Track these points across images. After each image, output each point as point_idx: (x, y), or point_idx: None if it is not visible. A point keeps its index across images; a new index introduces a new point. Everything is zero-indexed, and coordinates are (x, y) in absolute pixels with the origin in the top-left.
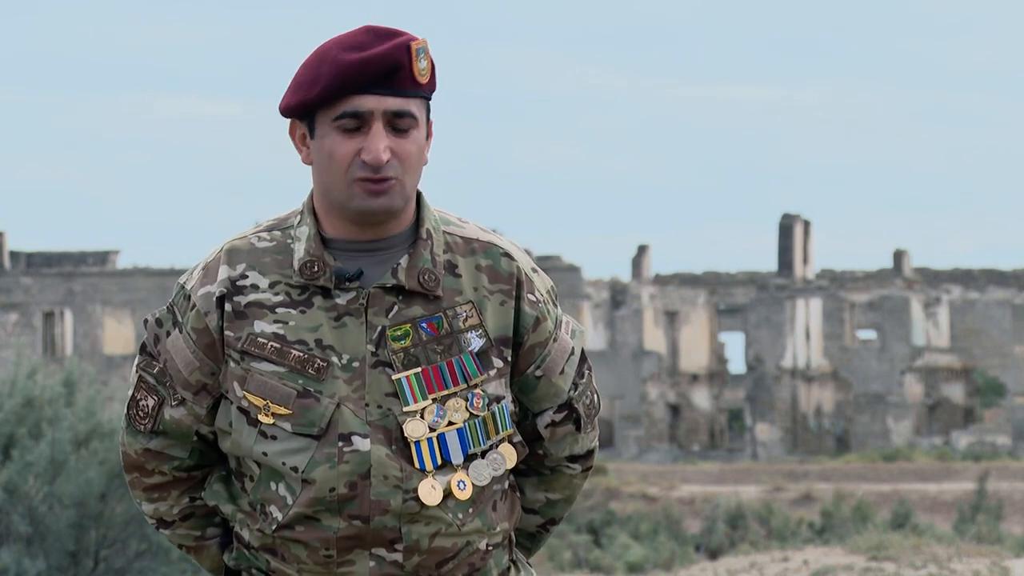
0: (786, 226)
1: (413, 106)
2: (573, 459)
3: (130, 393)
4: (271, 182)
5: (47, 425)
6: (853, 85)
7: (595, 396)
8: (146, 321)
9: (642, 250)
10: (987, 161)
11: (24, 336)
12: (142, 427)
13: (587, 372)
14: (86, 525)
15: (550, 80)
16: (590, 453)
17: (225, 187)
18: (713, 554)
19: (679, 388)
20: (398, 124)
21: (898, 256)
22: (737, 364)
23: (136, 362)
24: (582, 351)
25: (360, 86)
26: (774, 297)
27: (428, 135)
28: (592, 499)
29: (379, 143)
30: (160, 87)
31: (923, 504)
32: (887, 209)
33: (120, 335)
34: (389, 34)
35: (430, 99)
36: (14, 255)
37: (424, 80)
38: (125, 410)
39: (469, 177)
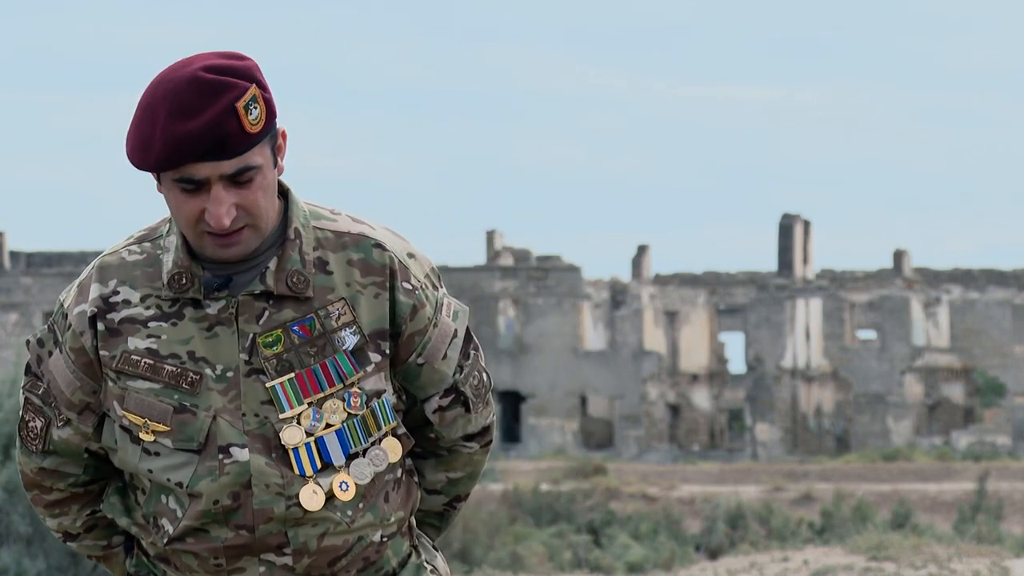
0: (786, 226)
1: (252, 158)
2: (468, 438)
3: (20, 414)
4: None
5: None
6: (853, 85)
7: (483, 375)
8: (28, 342)
9: (642, 250)
10: (987, 161)
11: (24, 336)
12: (34, 447)
13: (472, 352)
14: None
15: (550, 80)
16: (486, 430)
17: None
18: (713, 554)
19: (679, 388)
20: (239, 179)
21: (898, 256)
22: (737, 364)
23: (23, 383)
24: (467, 331)
25: (193, 157)
26: (774, 297)
27: (279, 157)
28: (592, 499)
29: (220, 208)
30: None
31: (923, 504)
32: (887, 209)
33: None
34: (214, 91)
35: (270, 131)
36: (14, 255)
37: (258, 128)
38: (17, 431)
39: (469, 177)
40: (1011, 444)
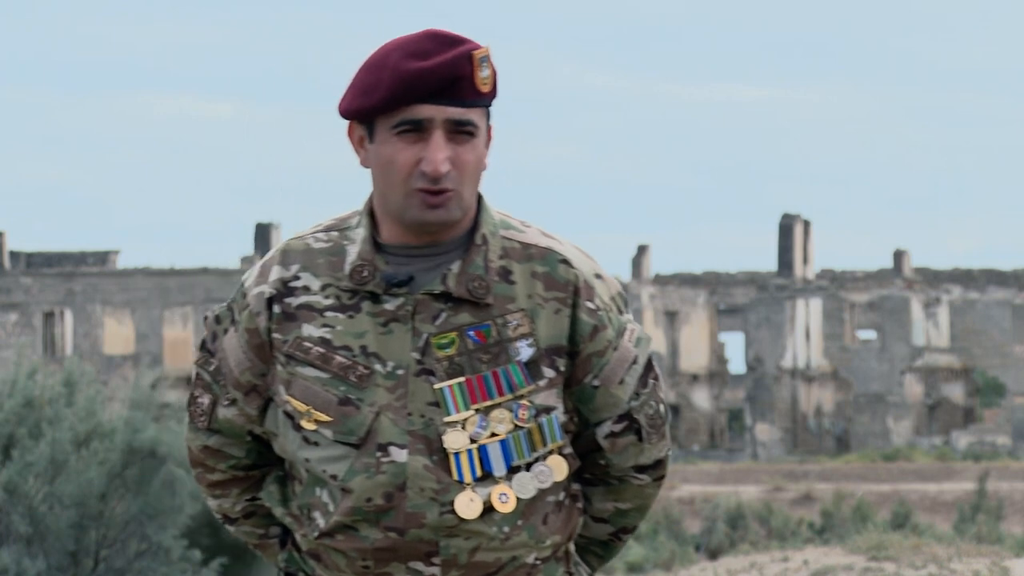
0: (786, 226)
1: (474, 115)
2: (640, 469)
3: (190, 390)
4: (270, 182)
5: (47, 425)
6: (854, 85)
7: (660, 406)
8: (206, 317)
9: (642, 250)
10: (987, 161)
11: (24, 336)
12: (200, 424)
13: (652, 382)
14: (86, 525)
15: (549, 80)
16: (659, 463)
17: (225, 187)
18: (713, 554)
19: (679, 388)
20: (459, 132)
21: (898, 256)
22: (737, 364)
23: (196, 359)
24: (648, 360)
25: (420, 95)
26: (774, 297)
27: (488, 140)
28: None
29: (439, 153)
30: (159, 87)
31: (923, 504)
32: (887, 209)
33: (120, 335)
34: (452, 41)
35: (490, 106)
36: (14, 255)
37: (486, 89)
38: (187, 406)
39: None
40: (1011, 444)
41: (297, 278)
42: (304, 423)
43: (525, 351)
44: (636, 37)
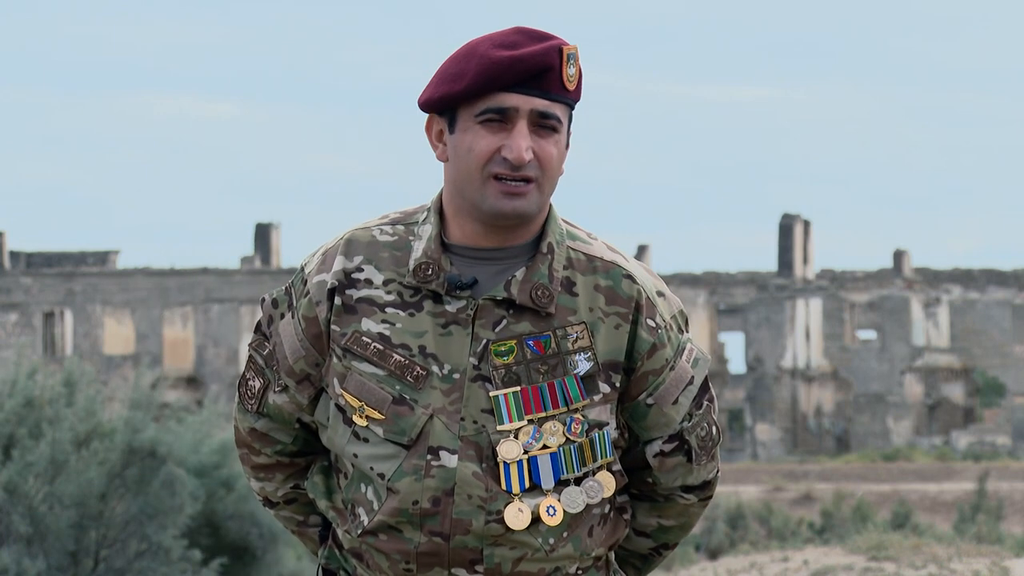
0: (786, 226)
1: (558, 110)
2: (687, 489)
3: (243, 371)
4: (270, 182)
5: (47, 425)
6: (854, 85)
7: (713, 428)
8: (263, 300)
9: (642, 250)
10: (987, 161)
11: (24, 336)
12: (249, 406)
13: (707, 403)
14: (86, 525)
15: None
16: (707, 484)
17: (225, 187)
18: (713, 554)
19: None
20: (542, 125)
21: (898, 256)
22: (737, 364)
23: (250, 341)
24: (704, 381)
25: (508, 83)
26: (774, 297)
27: (567, 144)
28: None
29: (522, 141)
30: (159, 87)
31: (923, 504)
32: (887, 209)
33: (120, 335)
34: (541, 36)
35: (574, 107)
36: (14, 255)
37: (572, 86)
38: (237, 386)
39: None
40: (1011, 444)
41: (360, 270)
42: (356, 418)
43: (583, 365)
44: (636, 37)
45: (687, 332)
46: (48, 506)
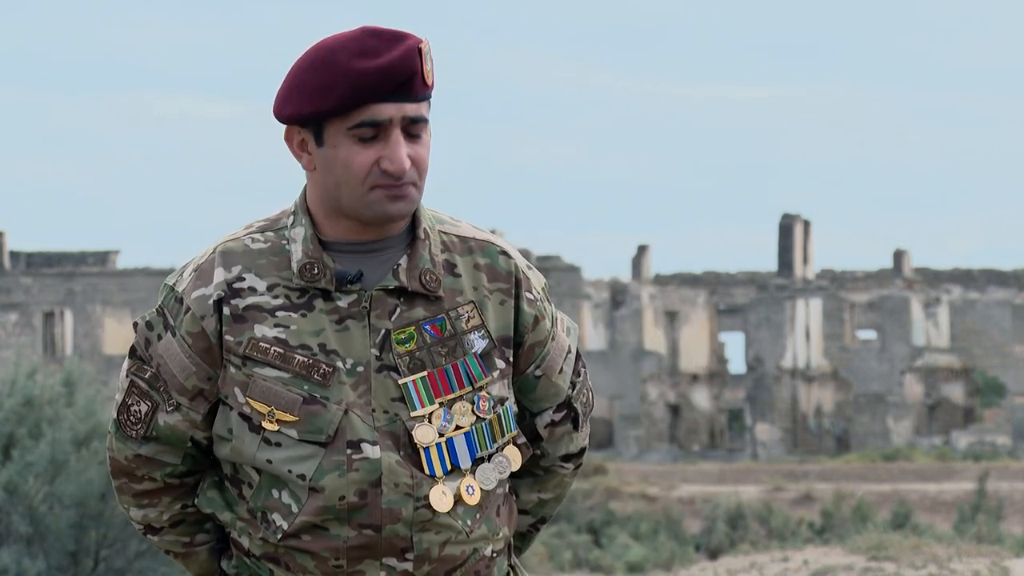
0: (786, 226)
1: (424, 109)
2: (567, 458)
3: (120, 398)
4: (270, 182)
5: (47, 425)
6: (853, 85)
7: (590, 394)
8: (136, 324)
9: (642, 250)
10: (987, 161)
11: (24, 336)
12: (133, 432)
13: (583, 370)
14: (86, 525)
15: (550, 80)
16: (582, 451)
17: (225, 187)
18: (713, 554)
19: (679, 388)
20: (413, 130)
21: (898, 256)
22: (737, 364)
23: (126, 366)
24: (577, 349)
25: (379, 95)
26: (774, 297)
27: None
28: (592, 499)
29: (401, 151)
30: (159, 87)
31: (923, 504)
32: (887, 209)
33: (120, 335)
34: (395, 37)
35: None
36: (14, 255)
37: (431, 81)
38: (114, 415)
39: (469, 177)
40: (1011, 444)
41: (241, 279)
42: (266, 424)
43: (479, 343)
44: (636, 37)
45: (552, 304)
46: (48, 506)
